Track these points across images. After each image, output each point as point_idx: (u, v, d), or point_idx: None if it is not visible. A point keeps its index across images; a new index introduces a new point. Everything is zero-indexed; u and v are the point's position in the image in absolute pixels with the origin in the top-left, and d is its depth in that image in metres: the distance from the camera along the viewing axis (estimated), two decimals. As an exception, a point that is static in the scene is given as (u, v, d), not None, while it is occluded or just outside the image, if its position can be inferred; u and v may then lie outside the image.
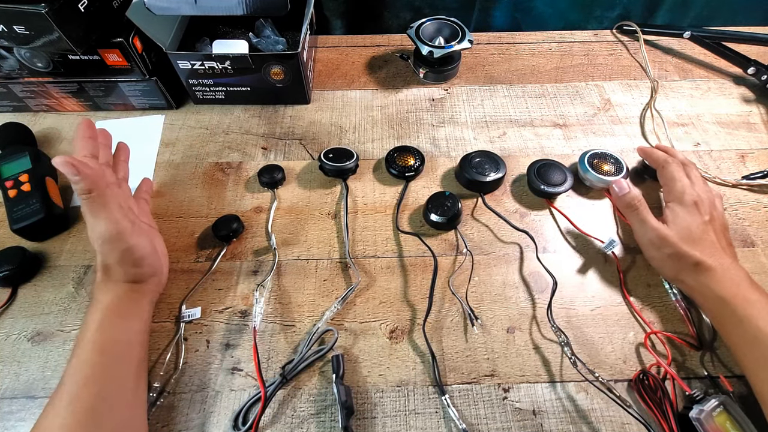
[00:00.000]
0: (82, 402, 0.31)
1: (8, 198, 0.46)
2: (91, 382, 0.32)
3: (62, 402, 0.31)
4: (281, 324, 0.41)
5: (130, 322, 0.36)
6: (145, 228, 0.41)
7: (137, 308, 0.37)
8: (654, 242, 0.40)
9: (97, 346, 0.34)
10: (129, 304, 0.37)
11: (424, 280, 0.44)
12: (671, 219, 0.41)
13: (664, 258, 0.40)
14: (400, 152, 0.52)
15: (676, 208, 0.41)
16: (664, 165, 0.44)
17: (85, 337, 0.34)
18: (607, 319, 0.42)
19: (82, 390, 0.31)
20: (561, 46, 0.68)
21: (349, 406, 0.36)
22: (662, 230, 0.40)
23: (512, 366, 0.39)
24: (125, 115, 0.58)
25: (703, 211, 0.40)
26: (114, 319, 0.35)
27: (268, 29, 0.60)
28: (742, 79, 0.62)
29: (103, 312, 0.35)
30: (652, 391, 0.36)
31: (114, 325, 0.35)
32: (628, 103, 0.60)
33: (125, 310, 0.36)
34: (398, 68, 0.65)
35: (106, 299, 0.36)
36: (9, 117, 0.56)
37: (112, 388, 0.33)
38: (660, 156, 0.45)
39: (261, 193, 0.51)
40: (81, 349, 0.33)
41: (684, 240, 0.39)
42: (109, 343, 0.34)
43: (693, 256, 0.38)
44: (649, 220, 0.41)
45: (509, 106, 0.60)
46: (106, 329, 0.34)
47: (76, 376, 0.32)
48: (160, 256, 0.41)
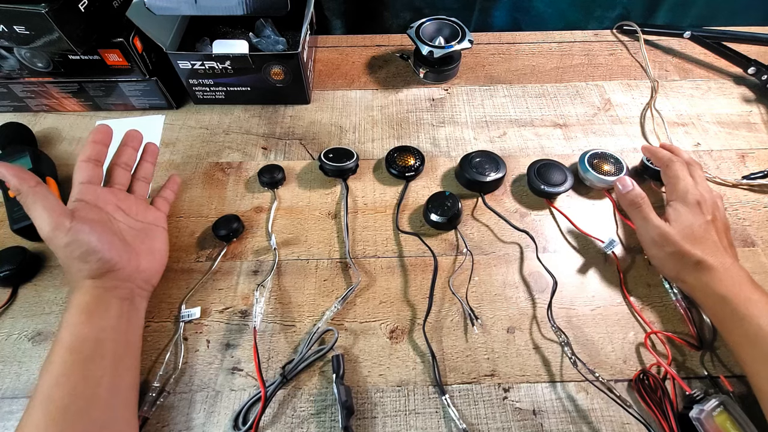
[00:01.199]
0: (55, 401, 0.31)
1: (8, 198, 0.46)
2: (62, 381, 0.32)
3: (35, 402, 0.31)
4: (281, 324, 0.41)
5: (97, 319, 0.35)
6: (99, 221, 0.38)
7: (102, 305, 0.36)
8: (656, 240, 0.40)
9: (66, 344, 0.33)
10: (93, 301, 0.36)
11: (424, 280, 0.44)
12: (674, 218, 0.41)
13: (665, 256, 0.40)
14: (400, 152, 0.52)
15: (679, 207, 0.41)
16: (669, 164, 0.44)
17: (57, 337, 0.34)
18: (607, 319, 0.42)
19: (54, 389, 0.31)
20: (561, 46, 0.68)
21: (350, 406, 0.36)
22: (664, 228, 0.40)
23: (512, 366, 0.39)
24: (125, 115, 0.58)
25: (705, 211, 0.40)
26: (80, 316, 0.35)
27: (268, 29, 0.60)
28: (743, 78, 0.62)
29: (70, 310, 0.35)
30: (653, 390, 0.36)
31: (80, 322, 0.35)
32: (629, 103, 0.60)
33: (92, 308, 0.35)
34: (398, 68, 0.65)
35: (72, 297, 0.36)
36: (9, 117, 0.56)
37: (84, 386, 0.32)
38: (664, 155, 0.45)
39: (261, 193, 0.51)
40: (53, 348, 0.33)
41: (686, 239, 0.39)
42: (78, 341, 0.34)
43: (694, 255, 0.38)
44: (652, 218, 0.41)
45: (509, 106, 0.60)
46: (73, 327, 0.34)
47: (48, 375, 0.32)
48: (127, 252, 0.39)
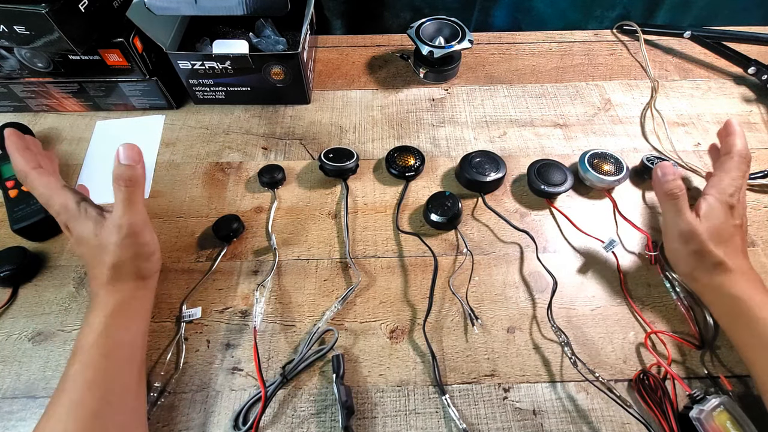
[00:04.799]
0: (86, 407, 0.30)
1: (9, 198, 0.46)
2: (95, 385, 0.31)
3: (63, 407, 0.30)
4: (281, 324, 0.41)
5: (136, 323, 0.36)
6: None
7: (142, 307, 0.37)
8: (683, 236, 0.38)
9: (102, 349, 0.33)
10: (135, 304, 0.36)
11: (425, 280, 0.44)
12: (705, 213, 0.39)
13: (687, 253, 0.39)
14: (401, 152, 0.52)
15: (715, 204, 0.39)
16: (733, 155, 0.40)
17: (89, 341, 0.33)
18: (607, 319, 0.42)
19: (85, 394, 0.31)
20: (561, 46, 0.68)
21: (350, 406, 0.36)
22: (695, 226, 0.38)
23: (512, 366, 0.39)
24: (125, 115, 0.58)
25: (736, 215, 0.39)
26: (120, 321, 0.35)
27: (268, 29, 0.60)
28: (743, 78, 0.62)
29: (108, 315, 0.34)
30: (653, 390, 0.36)
31: (120, 327, 0.35)
32: (629, 102, 0.60)
33: (132, 311, 0.36)
34: (398, 68, 0.65)
35: (111, 300, 0.35)
36: (9, 117, 0.56)
37: (116, 391, 0.32)
38: (738, 146, 0.41)
39: (261, 193, 0.51)
40: (84, 353, 0.33)
41: (712, 238, 0.37)
42: (115, 346, 0.34)
43: (717, 256, 0.37)
44: (686, 213, 0.39)
45: (509, 106, 0.60)
46: (112, 332, 0.34)
47: (79, 380, 0.32)
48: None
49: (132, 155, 0.35)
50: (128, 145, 0.35)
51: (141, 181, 0.36)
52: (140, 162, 0.36)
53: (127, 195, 0.35)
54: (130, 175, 0.34)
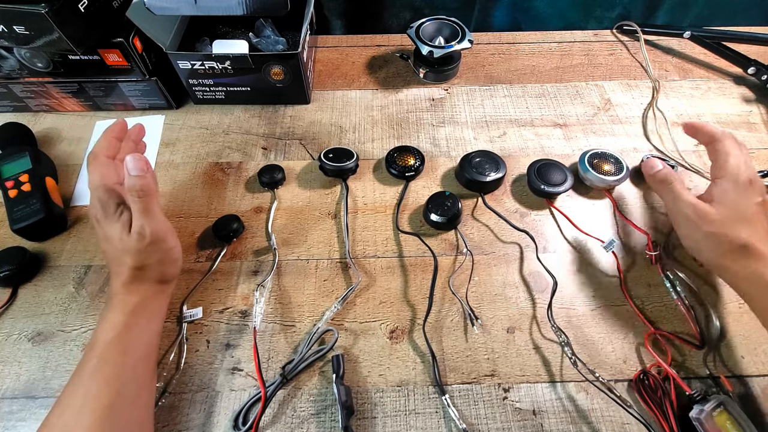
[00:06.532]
0: (102, 400, 0.31)
1: (8, 198, 0.46)
2: (112, 380, 0.32)
3: (78, 400, 0.31)
4: (281, 324, 0.41)
5: (154, 324, 0.37)
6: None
7: (160, 309, 0.38)
8: (690, 218, 0.37)
9: (121, 347, 0.33)
10: (153, 305, 0.37)
11: (424, 280, 0.44)
12: (718, 196, 0.37)
13: (702, 237, 0.36)
14: (400, 152, 0.52)
15: (726, 185, 0.36)
16: (721, 138, 0.39)
17: (107, 337, 0.34)
18: (607, 319, 0.42)
19: (102, 388, 0.31)
20: (561, 46, 0.68)
21: (350, 406, 0.36)
22: (700, 206, 0.36)
23: (512, 366, 0.39)
24: (125, 115, 0.58)
25: (758, 192, 0.36)
26: (139, 320, 0.35)
27: (268, 29, 0.60)
28: (743, 78, 0.62)
29: (128, 313, 0.35)
30: (653, 391, 0.36)
31: (139, 326, 0.35)
32: (628, 102, 0.60)
33: (151, 312, 0.37)
34: (398, 68, 0.65)
35: (132, 300, 0.36)
36: (9, 117, 0.56)
37: (131, 387, 0.33)
38: (715, 129, 0.40)
39: (261, 193, 0.51)
40: (102, 348, 0.33)
41: (731, 220, 0.35)
42: (134, 344, 0.34)
43: (739, 238, 0.34)
44: (684, 195, 0.38)
45: (509, 105, 0.60)
46: (132, 330, 0.34)
47: (96, 375, 0.32)
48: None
49: (141, 165, 0.35)
50: (135, 155, 0.36)
51: (154, 189, 0.36)
52: (150, 170, 0.36)
53: (144, 205, 0.35)
54: (141, 185, 0.35)
